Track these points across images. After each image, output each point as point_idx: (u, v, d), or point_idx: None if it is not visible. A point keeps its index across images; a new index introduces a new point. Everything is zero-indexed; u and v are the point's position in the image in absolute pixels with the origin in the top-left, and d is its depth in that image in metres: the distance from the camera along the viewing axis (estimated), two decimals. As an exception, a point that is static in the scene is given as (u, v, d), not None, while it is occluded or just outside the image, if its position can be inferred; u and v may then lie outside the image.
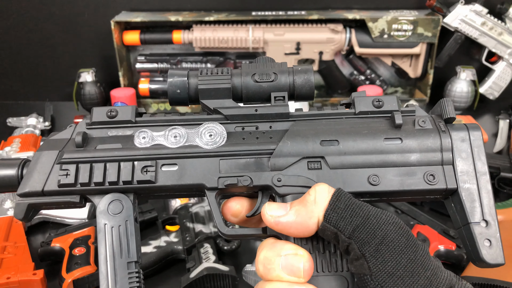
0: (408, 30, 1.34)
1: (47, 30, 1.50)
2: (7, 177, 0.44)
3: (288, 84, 0.45)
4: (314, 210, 0.37)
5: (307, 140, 0.43)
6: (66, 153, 0.43)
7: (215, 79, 0.45)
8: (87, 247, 0.83)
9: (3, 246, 0.82)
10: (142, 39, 1.42)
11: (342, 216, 0.36)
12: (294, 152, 0.42)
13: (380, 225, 0.35)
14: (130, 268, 0.40)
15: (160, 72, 1.48)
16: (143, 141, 0.44)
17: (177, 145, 0.43)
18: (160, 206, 1.00)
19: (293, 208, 0.38)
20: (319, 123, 0.44)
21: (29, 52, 1.54)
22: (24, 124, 1.34)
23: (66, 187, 0.42)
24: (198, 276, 0.75)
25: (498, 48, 1.38)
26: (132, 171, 0.42)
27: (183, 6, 1.47)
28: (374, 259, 0.34)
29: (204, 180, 0.42)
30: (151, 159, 0.43)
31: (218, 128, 0.44)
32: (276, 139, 0.43)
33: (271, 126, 0.44)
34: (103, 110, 0.45)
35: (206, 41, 1.38)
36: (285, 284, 0.36)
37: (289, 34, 1.37)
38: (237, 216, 0.45)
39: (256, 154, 0.43)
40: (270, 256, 0.37)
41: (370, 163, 0.42)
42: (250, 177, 0.42)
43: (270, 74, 0.45)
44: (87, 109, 1.43)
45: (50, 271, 0.82)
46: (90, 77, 1.41)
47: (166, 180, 0.42)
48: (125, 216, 0.41)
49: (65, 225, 0.94)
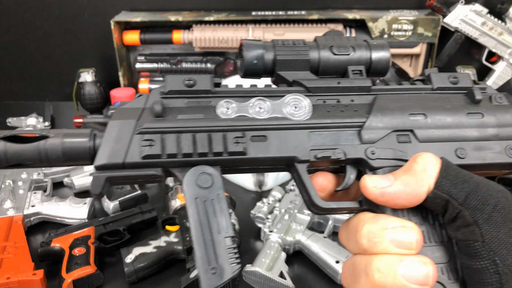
0: (408, 30, 1.34)
1: (47, 30, 1.50)
2: (78, 149, 0.40)
3: (365, 59, 0.45)
4: (424, 178, 0.37)
5: (395, 113, 0.43)
6: (146, 122, 0.40)
7: (294, 51, 0.44)
8: (87, 247, 0.83)
9: (3, 246, 0.82)
10: (142, 39, 1.42)
11: (454, 183, 0.36)
12: (385, 125, 0.42)
13: (491, 193, 0.36)
14: (228, 243, 0.38)
15: (160, 72, 1.47)
16: (227, 111, 0.41)
17: (265, 116, 0.42)
18: (160, 206, 1.00)
19: (399, 178, 0.38)
20: (402, 97, 0.44)
21: (29, 52, 1.54)
22: (24, 124, 1.33)
23: (151, 158, 0.39)
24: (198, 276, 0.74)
25: (498, 48, 1.38)
26: (223, 142, 0.40)
27: (183, 6, 1.47)
28: (487, 225, 0.35)
29: (296, 152, 0.41)
30: (240, 130, 0.41)
31: (303, 100, 0.43)
32: (362, 112, 0.43)
33: (353, 99, 0.44)
34: (179, 78, 0.43)
35: (206, 41, 1.37)
36: (395, 256, 0.35)
37: (289, 34, 1.37)
38: (324, 191, 0.44)
39: (345, 127, 0.42)
40: (375, 230, 0.37)
41: (455, 137, 0.42)
42: (343, 150, 0.41)
43: (348, 47, 0.45)
44: (87, 109, 1.43)
45: (50, 271, 0.82)
46: (90, 77, 1.41)
47: (256, 152, 0.40)
48: (217, 190, 0.39)
49: (65, 225, 0.94)
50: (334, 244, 0.83)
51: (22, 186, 1.01)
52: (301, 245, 0.85)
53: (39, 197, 0.98)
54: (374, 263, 0.35)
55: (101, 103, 1.43)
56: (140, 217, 0.94)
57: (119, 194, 0.99)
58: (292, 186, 1.01)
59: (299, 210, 0.91)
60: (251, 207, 0.93)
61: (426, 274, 0.35)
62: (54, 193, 1.05)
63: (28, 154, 0.40)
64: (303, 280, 0.82)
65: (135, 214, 0.95)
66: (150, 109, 0.41)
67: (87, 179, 1.07)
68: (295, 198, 0.95)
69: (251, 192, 1.07)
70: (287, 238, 0.85)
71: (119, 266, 0.84)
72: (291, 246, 0.86)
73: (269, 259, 0.79)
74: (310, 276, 0.83)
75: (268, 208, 0.92)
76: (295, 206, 0.92)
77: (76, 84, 1.41)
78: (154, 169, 0.39)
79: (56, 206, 0.97)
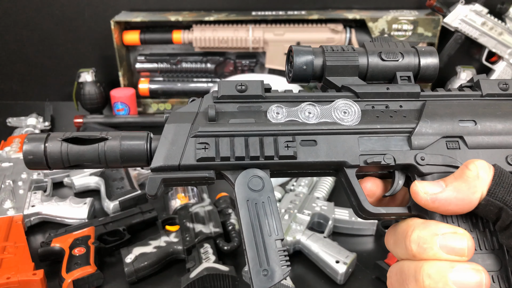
0: (408, 30, 1.34)
1: (47, 30, 1.50)
2: (136, 151, 0.42)
3: (413, 65, 0.45)
4: (477, 185, 0.37)
5: (445, 119, 0.42)
6: (201, 126, 0.41)
7: (343, 56, 0.44)
8: (87, 247, 0.83)
9: (3, 246, 0.82)
10: (142, 39, 1.42)
11: (509, 190, 0.36)
12: (434, 131, 0.42)
13: None
14: (278, 245, 0.38)
15: (160, 72, 1.48)
16: (278, 116, 0.43)
17: (314, 121, 0.42)
18: (160, 206, 1.00)
19: (450, 184, 0.38)
20: (451, 103, 0.44)
21: (29, 52, 1.54)
22: (24, 124, 1.33)
23: (205, 161, 0.40)
24: (198, 276, 0.75)
25: (498, 48, 1.38)
26: (274, 146, 0.41)
27: (183, 6, 1.47)
28: None
29: (346, 157, 0.41)
30: (291, 135, 0.42)
31: (353, 106, 0.43)
32: (411, 118, 0.43)
33: (402, 105, 0.44)
34: (231, 83, 0.44)
35: (206, 41, 1.38)
36: (445, 263, 0.35)
37: (289, 34, 1.37)
38: (372, 196, 0.44)
39: (394, 133, 0.42)
40: (425, 235, 0.37)
41: (506, 144, 0.42)
42: (393, 156, 0.42)
43: (396, 54, 0.45)
44: (87, 109, 1.43)
45: (50, 271, 0.82)
46: (90, 77, 1.41)
47: (306, 156, 0.41)
48: (268, 192, 0.40)
49: (65, 225, 0.94)
50: (334, 244, 0.83)
51: (22, 186, 1.01)
52: (301, 245, 0.85)
53: (39, 197, 0.98)
54: (424, 268, 0.35)
55: (101, 103, 1.43)
56: (140, 217, 0.94)
57: (119, 194, 0.99)
58: (292, 186, 1.01)
59: (299, 210, 0.91)
60: (251, 207, 0.93)
61: (479, 282, 0.34)
62: (54, 193, 1.05)
63: (88, 155, 0.42)
64: (303, 280, 0.82)
65: (135, 214, 0.95)
66: (204, 113, 0.42)
67: (87, 179, 1.07)
68: (295, 198, 0.95)
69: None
70: (287, 238, 0.85)
71: (119, 266, 0.84)
72: (291, 246, 0.86)
73: (269, 259, 0.79)
74: (310, 276, 0.83)
75: (268, 208, 0.92)
76: (295, 206, 0.92)
77: (76, 84, 1.41)
78: (207, 171, 0.41)
79: (56, 206, 0.97)
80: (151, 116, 1.42)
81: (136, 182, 1.07)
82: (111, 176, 1.05)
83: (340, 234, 0.92)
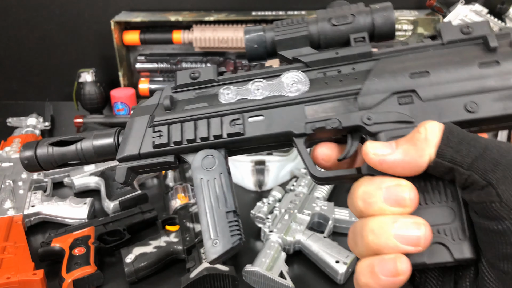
0: (408, 30, 1.34)
1: (47, 30, 1.50)
2: (106, 146, 0.46)
3: (367, 24, 0.44)
4: (425, 148, 0.36)
5: (395, 75, 0.41)
6: (157, 116, 0.45)
7: (291, 28, 0.45)
8: (87, 247, 0.83)
9: (3, 246, 0.82)
10: (142, 39, 1.42)
11: (458, 149, 0.35)
12: (382, 88, 0.41)
13: (503, 153, 0.34)
14: (229, 217, 0.41)
15: (160, 72, 1.48)
16: (228, 97, 0.44)
17: (261, 97, 0.44)
18: (160, 206, 1.00)
19: (400, 147, 0.37)
20: (406, 57, 0.43)
21: (29, 52, 1.54)
22: (24, 124, 1.33)
23: (160, 147, 0.44)
24: (198, 276, 0.75)
25: (498, 48, 1.38)
26: (221, 125, 0.43)
27: (183, 6, 1.47)
28: (503, 185, 0.33)
29: (291, 127, 0.42)
30: (238, 113, 0.43)
31: (300, 76, 0.43)
32: (361, 79, 0.42)
33: (354, 67, 0.43)
34: (186, 73, 0.47)
35: (206, 41, 1.38)
36: (389, 218, 0.35)
37: (289, 34, 1.37)
38: (328, 161, 0.44)
39: (341, 96, 0.42)
40: (370, 190, 0.36)
41: (466, 91, 0.40)
42: (338, 119, 0.41)
43: (347, 16, 0.44)
44: (87, 109, 1.43)
45: (50, 271, 0.82)
46: (90, 77, 1.41)
47: (254, 131, 0.42)
48: (219, 170, 0.42)
49: (65, 225, 0.94)
50: (334, 244, 0.83)
51: (22, 186, 1.01)
52: (301, 245, 0.85)
53: (39, 197, 0.98)
54: (368, 224, 0.35)
55: (101, 103, 1.43)
56: (140, 217, 0.94)
57: (119, 194, 0.99)
58: (292, 186, 1.01)
59: (299, 210, 0.91)
60: (251, 207, 0.93)
61: (418, 236, 0.34)
62: (54, 193, 1.05)
63: (69, 155, 0.47)
64: (303, 280, 0.82)
65: (135, 214, 0.95)
66: (161, 104, 0.46)
67: (87, 179, 1.07)
68: (295, 198, 0.95)
69: (251, 192, 1.07)
70: (287, 238, 0.85)
71: (119, 266, 0.84)
72: (291, 246, 0.86)
73: (269, 259, 0.79)
74: (310, 276, 0.83)
75: (268, 208, 0.92)
76: (295, 206, 0.92)
77: (76, 84, 1.41)
78: (166, 156, 0.44)
79: (56, 206, 0.97)
80: (151, 116, 1.42)
81: (136, 182, 1.07)
82: (111, 176, 1.05)
83: (340, 234, 0.92)
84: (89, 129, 1.32)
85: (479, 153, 0.34)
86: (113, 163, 1.11)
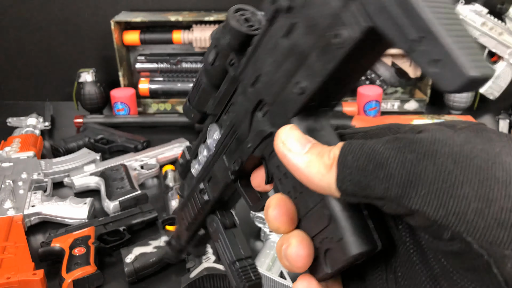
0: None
1: (47, 30, 1.50)
2: None
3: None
4: (325, 175, 0.27)
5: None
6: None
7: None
8: (87, 247, 0.83)
9: (3, 246, 0.82)
10: (142, 39, 1.42)
11: (357, 181, 0.25)
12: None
13: (407, 168, 0.23)
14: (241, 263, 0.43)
15: (160, 72, 1.48)
16: (196, 169, 0.47)
17: (204, 159, 0.45)
18: (160, 206, 1.00)
19: (312, 152, 0.28)
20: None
21: (29, 52, 1.54)
22: (24, 124, 1.33)
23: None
24: (198, 276, 0.75)
25: (498, 48, 1.38)
26: (197, 197, 0.47)
27: (183, 6, 1.47)
28: (429, 206, 0.22)
29: (225, 178, 0.42)
30: (199, 182, 0.46)
31: (214, 126, 0.42)
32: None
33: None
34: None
35: (206, 41, 1.38)
36: (281, 244, 0.32)
37: (289, 34, 1.37)
38: (259, 186, 0.40)
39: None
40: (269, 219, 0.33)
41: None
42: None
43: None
44: (87, 109, 1.43)
45: (50, 271, 0.82)
46: (90, 77, 1.41)
47: (213, 193, 0.46)
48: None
49: (65, 225, 0.94)
50: (334, 244, 0.83)
51: (22, 186, 1.01)
52: (301, 245, 0.85)
53: (39, 197, 0.98)
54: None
55: (101, 103, 1.43)
56: (140, 217, 0.94)
57: (119, 194, 0.99)
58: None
59: (299, 210, 0.91)
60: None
61: (303, 264, 0.30)
62: (54, 193, 1.05)
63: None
64: (303, 280, 0.82)
65: (135, 214, 0.95)
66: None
67: (87, 179, 1.08)
68: (295, 198, 0.95)
69: (251, 192, 1.07)
70: (287, 238, 0.85)
71: (119, 266, 0.84)
72: (291, 246, 0.86)
73: (269, 259, 0.79)
74: (310, 276, 0.83)
75: (268, 208, 0.92)
76: (295, 206, 0.92)
77: (76, 84, 1.41)
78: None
79: (56, 206, 0.97)
80: (151, 116, 1.42)
81: (136, 182, 1.07)
82: (111, 176, 1.05)
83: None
84: (89, 129, 1.32)
85: (389, 173, 0.24)
86: (113, 163, 1.11)
